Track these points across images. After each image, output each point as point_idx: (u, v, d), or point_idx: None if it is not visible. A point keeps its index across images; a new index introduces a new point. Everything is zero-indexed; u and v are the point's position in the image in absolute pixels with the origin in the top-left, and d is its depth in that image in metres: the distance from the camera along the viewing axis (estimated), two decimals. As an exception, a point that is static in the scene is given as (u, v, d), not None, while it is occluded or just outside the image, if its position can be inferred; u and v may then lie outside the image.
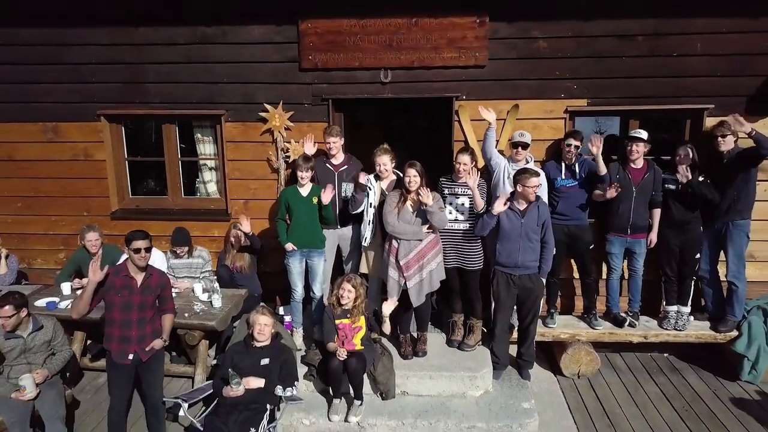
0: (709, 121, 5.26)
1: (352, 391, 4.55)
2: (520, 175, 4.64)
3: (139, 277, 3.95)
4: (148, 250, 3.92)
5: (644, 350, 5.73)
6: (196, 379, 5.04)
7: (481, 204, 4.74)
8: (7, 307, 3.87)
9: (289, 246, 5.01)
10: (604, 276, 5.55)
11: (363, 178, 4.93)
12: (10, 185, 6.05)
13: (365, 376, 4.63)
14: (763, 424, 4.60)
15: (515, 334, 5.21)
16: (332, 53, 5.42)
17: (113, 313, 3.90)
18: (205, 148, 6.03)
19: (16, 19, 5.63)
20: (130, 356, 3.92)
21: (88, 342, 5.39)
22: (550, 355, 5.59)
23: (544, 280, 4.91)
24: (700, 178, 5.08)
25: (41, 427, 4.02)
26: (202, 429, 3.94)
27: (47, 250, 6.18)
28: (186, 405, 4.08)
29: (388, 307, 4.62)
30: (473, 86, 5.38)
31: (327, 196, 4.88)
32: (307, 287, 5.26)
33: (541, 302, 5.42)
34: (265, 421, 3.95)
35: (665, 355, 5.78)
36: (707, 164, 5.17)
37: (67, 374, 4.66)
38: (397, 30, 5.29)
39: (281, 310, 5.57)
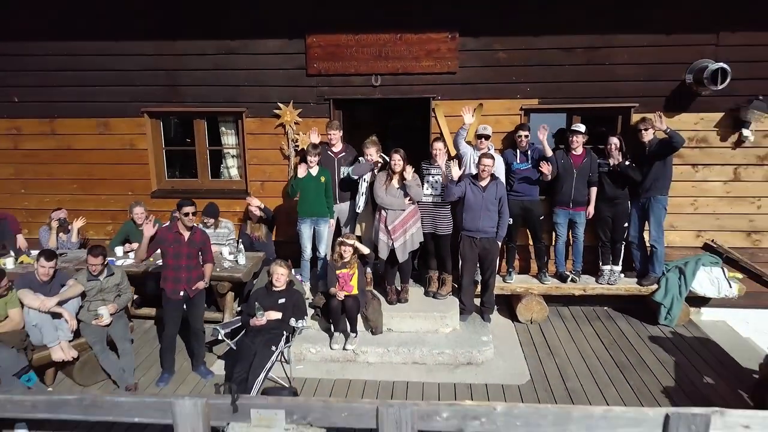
0: (636, 117, 6.49)
1: (348, 327, 5.77)
2: (480, 158, 5.89)
3: (186, 234, 5.17)
4: (194, 214, 5.14)
5: (587, 303, 6.95)
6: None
7: (447, 178, 5.96)
8: (100, 257, 5.11)
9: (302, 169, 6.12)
10: (553, 242, 6.80)
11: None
12: (68, 170, 7.26)
13: (359, 316, 5.86)
14: (669, 352, 5.84)
15: (480, 289, 6.45)
16: (333, 62, 6.64)
17: (168, 260, 5.13)
18: (229, 139, 7.25)
19: (78, 34, 6.84)
20: (181, 293, 5.15)
21: (135, 296, 6.62)
22: (509, 305, 6.79)
23: (499, 243, 6.13)
24: (627, 162, 6.30)
25: (114, 347, 5.25)
26: (235, 348, 5.17)
27: (98, 223, 7.37)
28: (222, 331, 5.29)
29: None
30: (446, 89, 6.59)
31: None
32: (313, 250, 6.50)
33: (502, 263, 6.72)
34: (282, 342, 5.17)
35: (605, 308, 7.02)
36: (634, 151, 6.39)
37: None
38: (385, 43, 6.50)
39: (292, 272, 6.78)
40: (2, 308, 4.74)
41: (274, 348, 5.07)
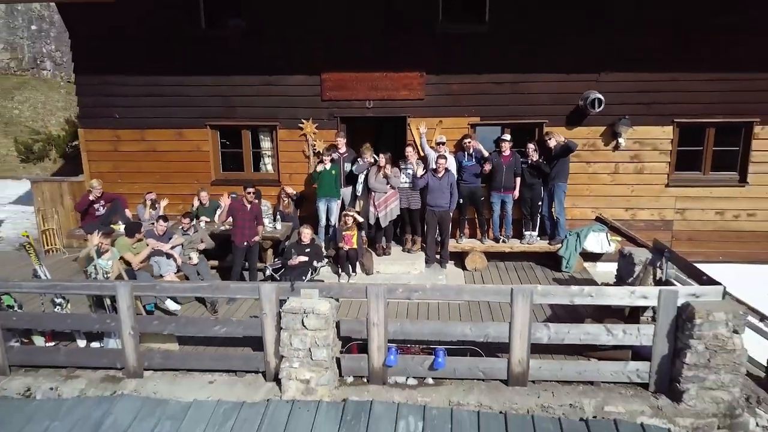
0: (546, 129, 9.18)
1: (350, 269, 8.45)
2: (437, 158, 8.59)
3: (248, 206, 7.85)
4: (253, 194, 7.85)
5: (516, 259, 9.56)
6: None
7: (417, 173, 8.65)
8: (189, 218, 7.81)
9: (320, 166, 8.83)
10: (491, 216, 9.47)
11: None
12: (153, 165, 9.89)
13: (358, 262, 8.54)
14: (561, 284, 8.54)
15: (439, 246, 9.14)
16: (339, 91, 9.29)
17: (237, 222, 7.80)
18: (266, 144, 9.93)
19: (160, 71, 9.49)
20: (245, 243, 7.85)
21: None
22: (460, 258, 9.41)
23: (451, 214, 8.80)
24: (540, 160, 8.97)
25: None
26: (279, 279, 7.84)
27: (172, 203, 9.94)
28: (269, 269, 7.97)
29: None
30: (417, 110, 9.24)
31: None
32: (326, 220, 9.19)
33: (456, 230, 9.40)
34: (309, 275, 7.86)
35: (530, 263, 9.70)
36: (545, 152, 9.05)
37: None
38: (375, 79, 9.14)
39: (310, 236, 9.45)
40: (141, 248, 7.45)
41: (304, 278, 7.77)
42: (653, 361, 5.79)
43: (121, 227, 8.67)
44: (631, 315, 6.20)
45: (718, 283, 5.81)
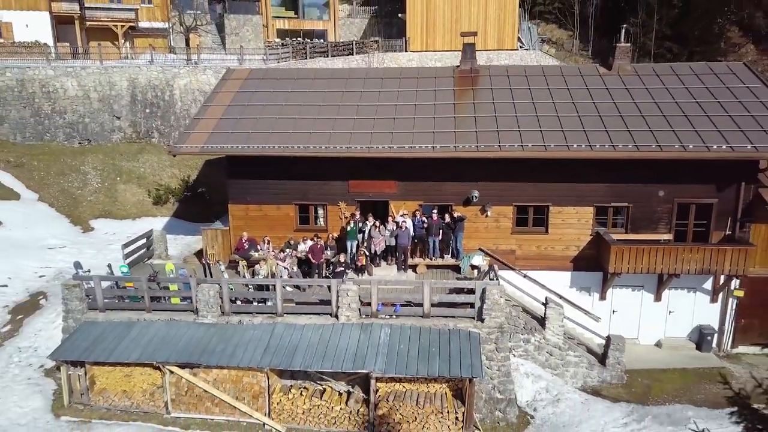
0: (453, 207, 17.93)
1: (362, 274, 17.18)
2: (400, 222, 17.40)
3: (319, 245, 16.62)
4: (319, 239, 16.66)
5: (441, 269, 18.07)
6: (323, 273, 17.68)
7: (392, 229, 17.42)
8: (290, 249, 16.61)
9: (346, 224, 17.64)
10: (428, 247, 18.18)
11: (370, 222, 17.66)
12: (265, 222, 18.24)
13: (366, 271, 17.26)
14: (460, 281, 17.28)
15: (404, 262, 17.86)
16: (357, 189, 17.72)
17: (315, 252, 16.58)
18: (320, 212, 18.65)
19: (269, 176, 18.24)
20: (316, 262, 16.62)
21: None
22: (414, 267, 18.16)
23: (408, 247, 17.55)
24: (451, 221, 17.70)
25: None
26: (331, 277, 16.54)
27: (274, 241, 18.67)
28: (326, 274, 16.67)
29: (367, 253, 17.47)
30: (393, 198, 17.67)
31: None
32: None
33: (413, 254, 18.22)
34: (344, 276, 16.57)
35: (448, 270, 18.40)
36: (453, 219, 17.77)
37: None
38: (373, 184, 17.68)
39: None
40: (273, 264, 16.19)
41: (342, 279, 16.51)
42: (476, 308, 14.56)
43: (256, 254, 17.47)
44: (470, 291, 14.99)
45: (497, 280, 14.68)
